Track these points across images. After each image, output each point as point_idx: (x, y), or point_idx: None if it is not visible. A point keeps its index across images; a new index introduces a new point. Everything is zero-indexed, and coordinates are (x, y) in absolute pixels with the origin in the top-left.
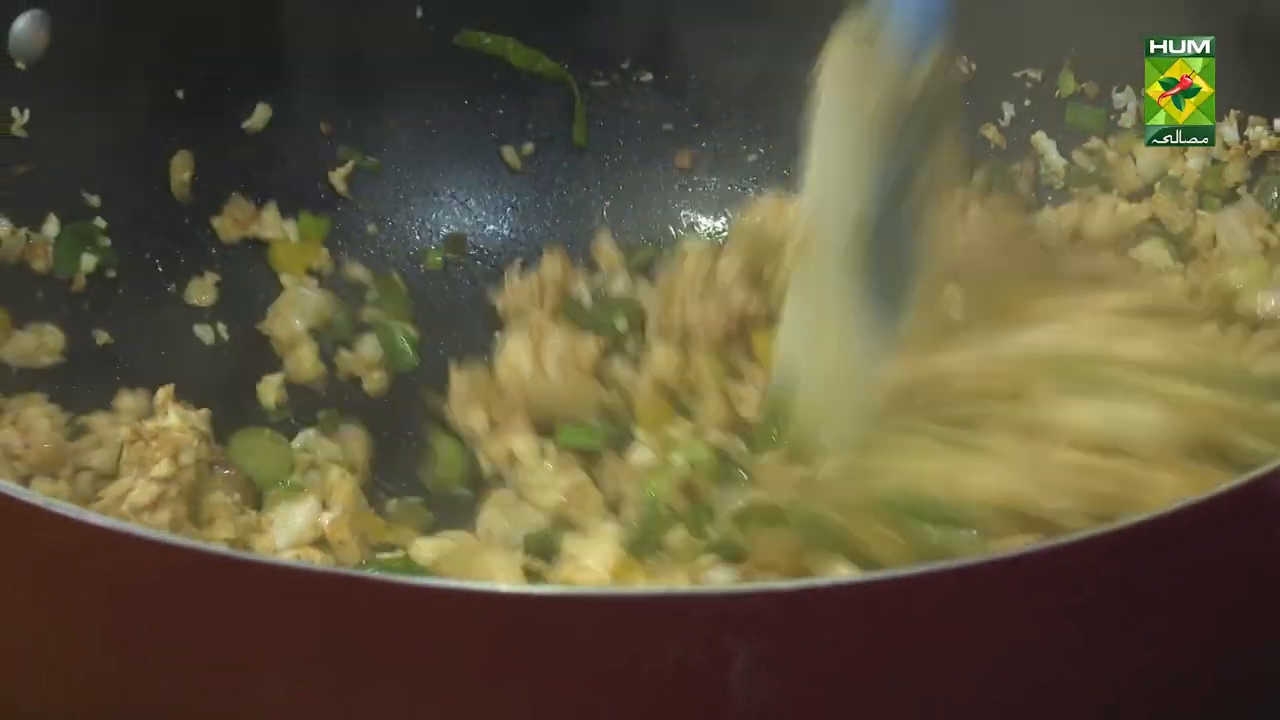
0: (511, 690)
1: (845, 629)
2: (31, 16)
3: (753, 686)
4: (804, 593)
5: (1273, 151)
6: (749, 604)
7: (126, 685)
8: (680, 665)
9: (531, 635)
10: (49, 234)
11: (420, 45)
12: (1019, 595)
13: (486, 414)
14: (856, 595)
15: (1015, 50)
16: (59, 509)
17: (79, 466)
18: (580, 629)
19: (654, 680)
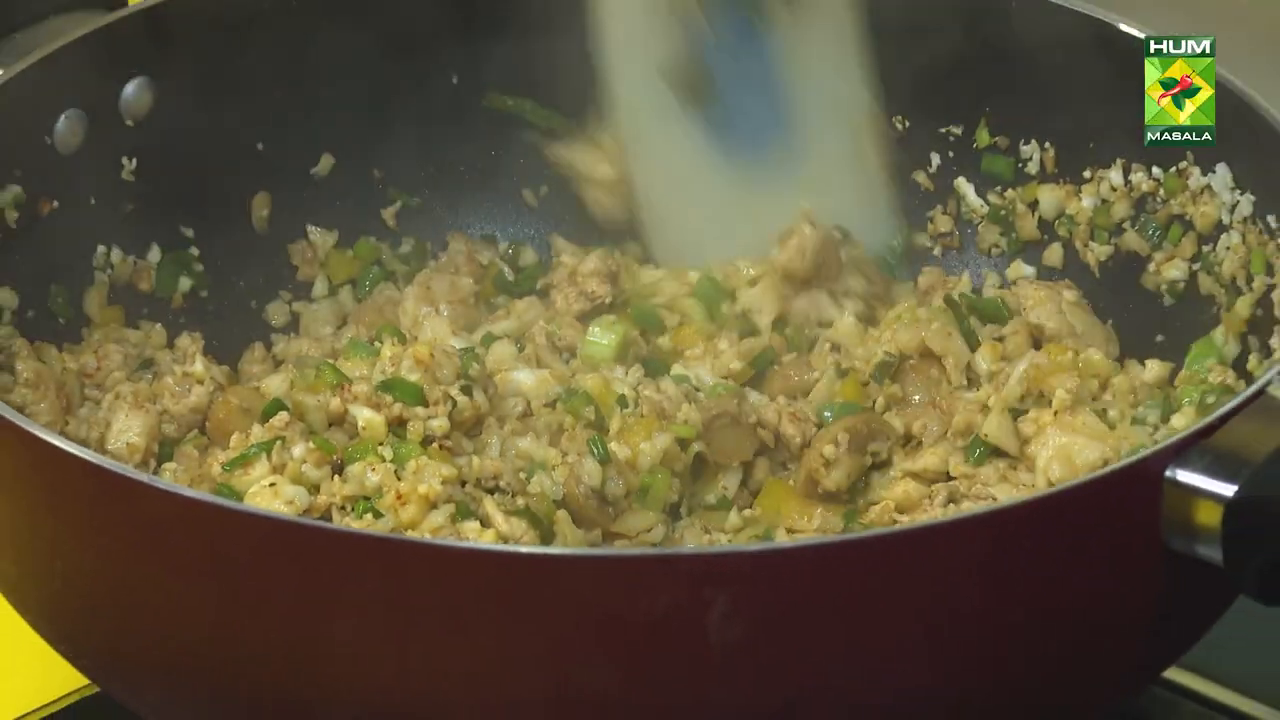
0: (532, 632)
1: (802, 582)
2: (138, 83)
3: (727, 627)
4: (770, 552)
5: (1150, 193)
6: (725, 562)
7: (225, 629)
8: (669, 610)
9: (549, 586)
10: (152, 260)
11: (455, 106)
12: (936, 557)
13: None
14: (812, 554)
15: (940, 110)
16: (166, 486)
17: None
18: (590, 581)
19: (649, 622)
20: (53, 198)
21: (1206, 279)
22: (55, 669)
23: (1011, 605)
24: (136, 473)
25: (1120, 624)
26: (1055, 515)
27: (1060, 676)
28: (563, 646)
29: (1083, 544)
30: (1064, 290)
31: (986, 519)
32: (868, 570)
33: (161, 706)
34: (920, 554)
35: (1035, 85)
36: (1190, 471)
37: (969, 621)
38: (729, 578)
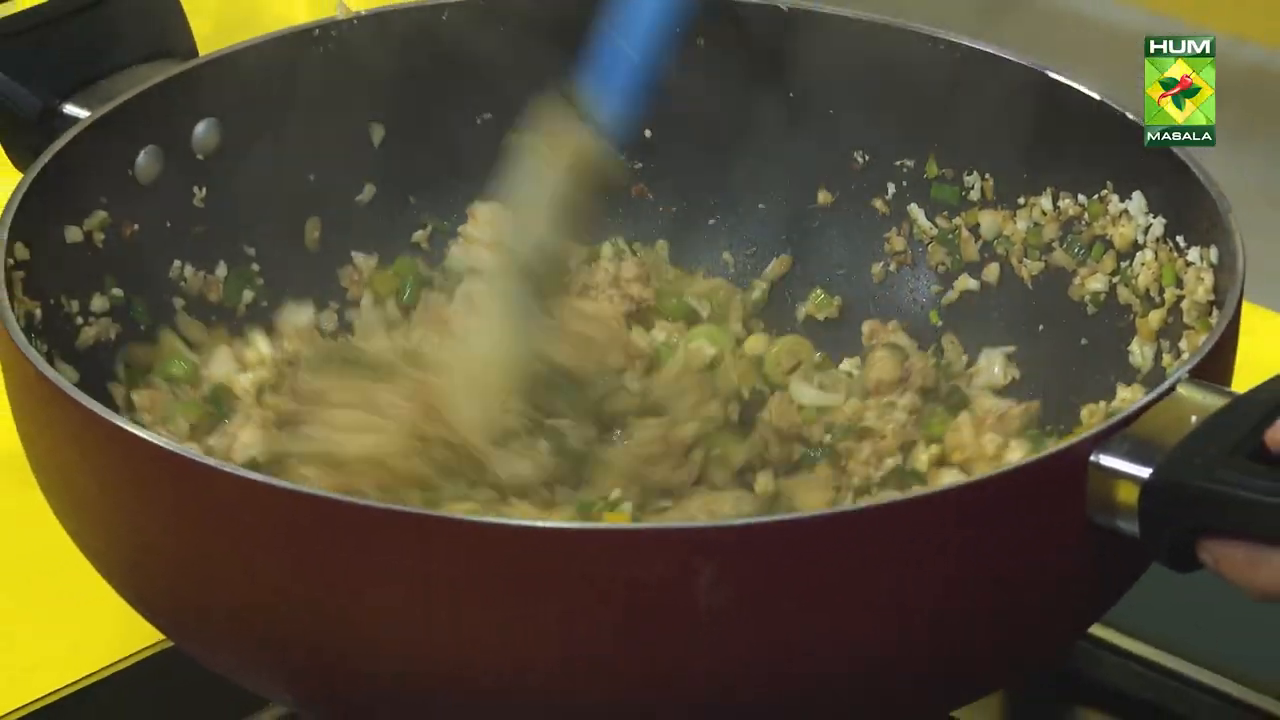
0: (543, 596)
1: (777, 552)
2: (208, 123)
3: (713, 593)
4: (752, 525)
5: (1076, 217)
6: (710, 534)
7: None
8: (662, 578)
9: (558, 555)
10: (220, 275)
11: (481, 142)
12: (895, 531)
13: None
14: (786, 528)
15: (895, 146)
16: (230, 469)
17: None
18: (589, 552)
19: (643, 588)
20: (134, 222)
21: (1124, 290)
22: (136, 626)
23: (961, 573)
24: (203, 456)
25: (1052, 589)
26: (998, 494)
27: (1003, 635)
28: (570, 608)
29: (1021, 519)
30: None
31: (939, 497)
32: (835, 543)
33: (226, 659)
34: (880, 528)
35: (977, 125)
36: (1111, 456)
37: (925, 587)
38: (715, 549)
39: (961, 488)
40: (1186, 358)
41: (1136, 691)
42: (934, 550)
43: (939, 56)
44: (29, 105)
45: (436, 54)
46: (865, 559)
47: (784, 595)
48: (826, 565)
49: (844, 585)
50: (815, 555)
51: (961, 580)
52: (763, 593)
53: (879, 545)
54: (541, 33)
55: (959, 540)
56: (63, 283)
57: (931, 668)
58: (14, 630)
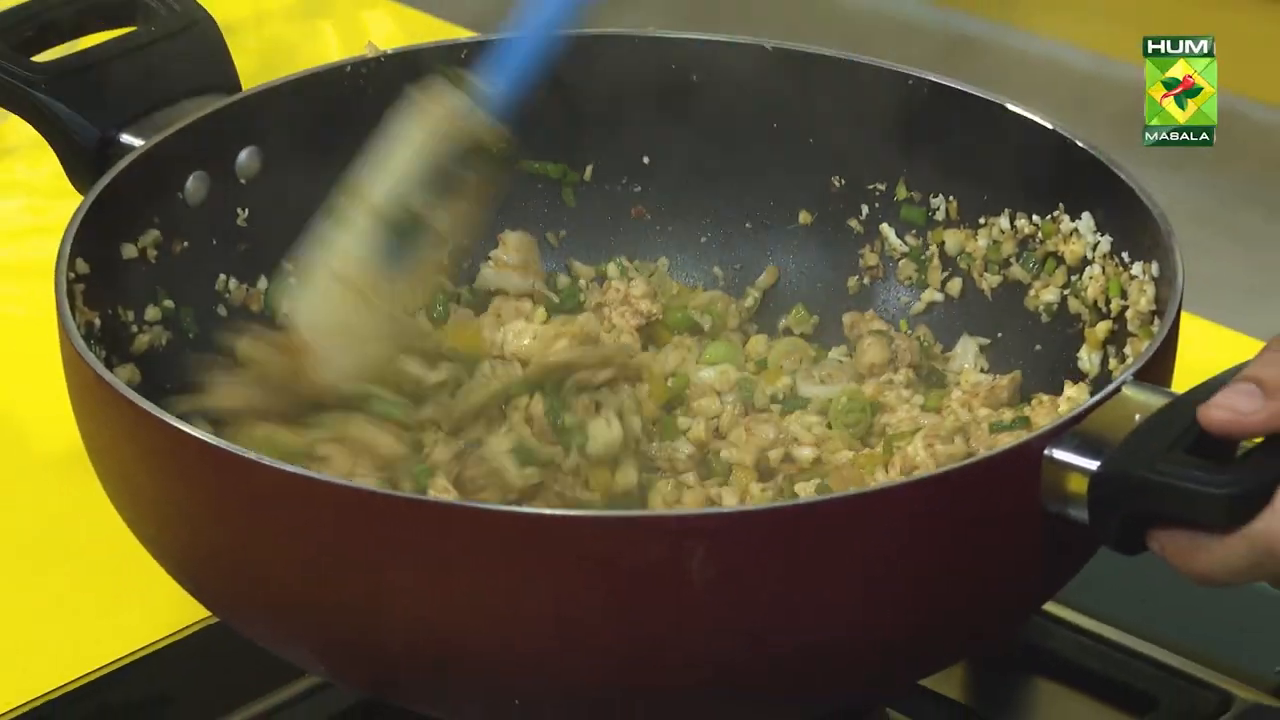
0: (550, 575)
1: (760, 536)
2: (250, 151)
3: (705, 569)
4: (736, 513)
5: (1031, 235)
6: (701, 520)
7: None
8: (659, 558)
9: (565, 539)
10: (261, 288)
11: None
12: (865, 518)
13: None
14: (767, 515)
15: (868, 171)
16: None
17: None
18: (598, 535)
19: (642, 568)
20: (183, 239)
21: (1074, 301)
22: (186, 604)
23: (926, 555)
24: (244, 451)
25: (1010, 570)
26: (961, 485)
27: (965, 612)
28: (573, 586)
29: (982, 507)
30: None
31: (905, 488)
32: (812, 528)
33: (265, 633)
34: (853, 516)
35: (942, 153)
36: (1064, 451)
37: (892, 568)
38: (705, 533)
39: (926, 480)
40: (1131, 362)
41: (1083, 661)
42: (901, 535)
43: (908, 91)
44: (88, 135)
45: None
46: (838, 544)
47: (765, 576)
48: (803, 549)
49: (819, 567)
50: (793, 540)
51: (926, 562)
52: (745, 573)
53: (851, 531)
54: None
55: (924, 526)
56: (119, 295)
57: (899, 641)
58: (79, 607)
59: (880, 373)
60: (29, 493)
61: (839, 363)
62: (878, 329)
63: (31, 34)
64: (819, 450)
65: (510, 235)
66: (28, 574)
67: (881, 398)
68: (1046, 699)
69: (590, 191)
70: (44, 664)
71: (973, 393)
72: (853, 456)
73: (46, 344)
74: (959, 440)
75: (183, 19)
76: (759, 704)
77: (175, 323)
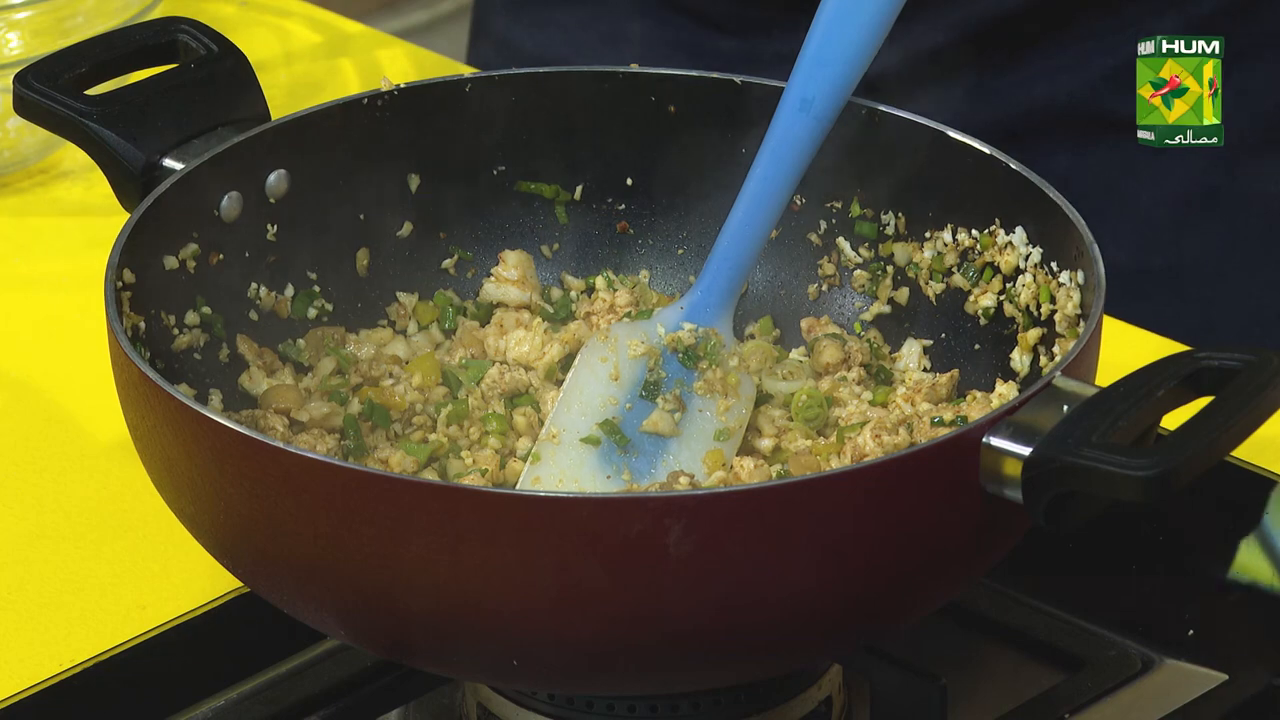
0: (544, 549)
1: (728, 514)
2: (278, 174)
3: (681, 544)
4: (710, 494)
5: (970, 247)
6: (678, 500)
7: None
8: (639, 534)
9: (558, 517)
10: (288, 295)
11: (495, 189)
12: (821, 498)
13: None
14: (735, 496)
15: (826, 190)
16: (293, 449)
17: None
18: (587, 513)
19: (623, 543)
20: (219, 252)
21: (1009, 306)
22: (220, 575)
23: (876, 531)
24: (271, 438)
25: (952, 545)
26: (907, 468)
27: (912, 583)
28: (566, 558)
29: (926, 489)
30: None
31: (858, 472)
32: (774, 508)
33: (291, 601)
34: (810, 497)
35: (891, 175)
36: (1000, 438)
37: (846, 543)
38: (681, 512)
39: (876, 464)
40: (1060, 359)
41: (1019, 624)
42: (853, 514)
43: (861, 120)
44: (135, 159)
45: (460, 118)
46: (798, 521)
47: (734, 548)
48: (768, 525)
49: (782, 542)
50: (758, 517)
51: (877, 538)
52: (717, 546)
53: (809, 510)
54: (541, 100)
55: (875, 506)
56: (161, 301)
57: (852, 610)
58: (125, 577)
59: (835, 371)
60: (82, 476)
61: (799, 362)
62: (832, 333)
63: (85, 70)
64: (777, 440)
65: (510, 254)
66: (80, 547)
67: (836, 394)
68: (985, 658)
69: (580, 209)
70: (94, 628)
71: (916, 389)
72: (810, 445)
73: (98, 345)
74: (903, 432)
75: (218, 57)
76: (728, 660)
77: (211, 326)
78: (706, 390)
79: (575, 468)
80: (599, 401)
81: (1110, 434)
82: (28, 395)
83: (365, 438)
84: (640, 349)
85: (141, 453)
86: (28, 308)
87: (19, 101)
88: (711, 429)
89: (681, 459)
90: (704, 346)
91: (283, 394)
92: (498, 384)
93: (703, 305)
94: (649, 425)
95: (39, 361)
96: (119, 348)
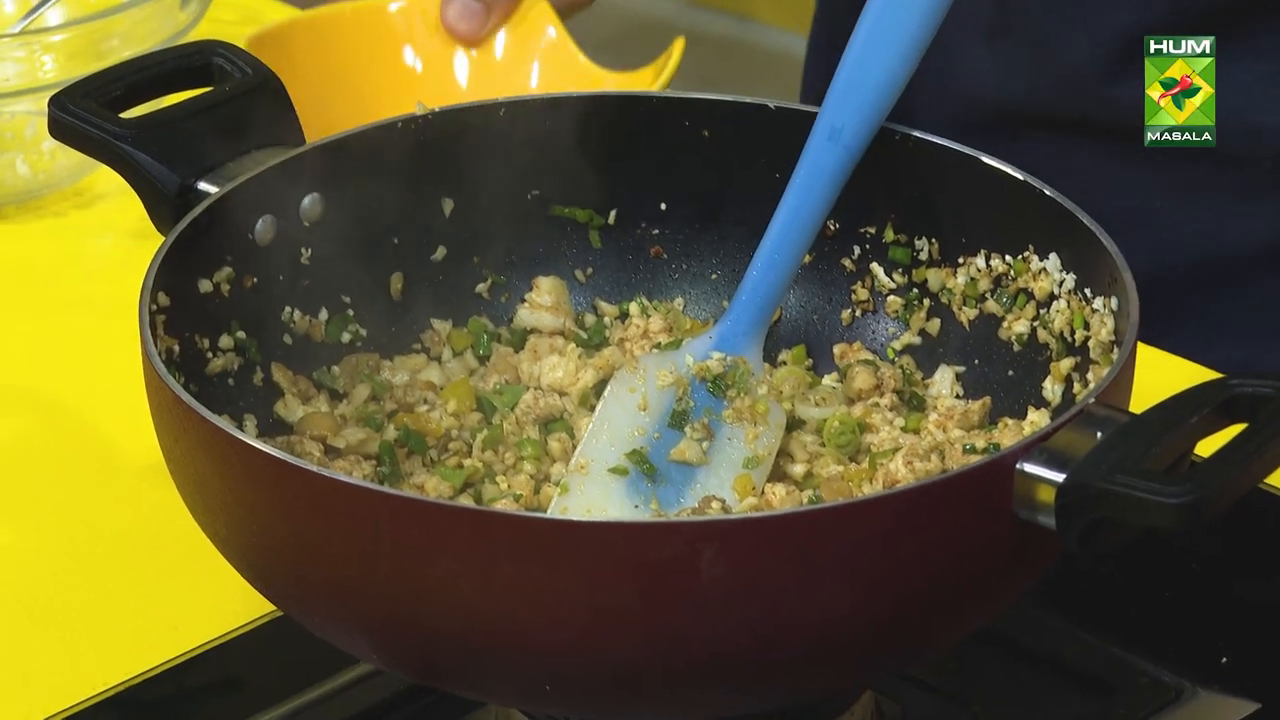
0: (580, 572)
1: (761, 539)
2: (313, 197)
3: (713, 568)
4: (743, 519)
5: (1004, 273)
6: (711, 525)
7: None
8: (671, 558)
9: (594, 542)
10: (322, 319)
11: (530, 213)
12: (855, 524)
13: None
14: (768, 522)
15: (860, 217)
16: (327, 473)
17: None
18: (622, 538)
19: (655, 567)
20: (253, 276)
21: (1043, 332)
22: (253, 599)
23: (911, 557)
24: (303, 462)
25: (985, 572)
26: (942, 494)
27: (944, 609)
28: (598, 583)
29: (960, 514)
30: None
31: (892, 498)
32: (806, 533)
33: (323, 625)
34: (842, 522)
35: (925, 199)
36: (1034, 464)
37: (879, 569)
38: (714, 537)
39: (908, 490)
40: (1093, 386)
41: (1051, 650)
42: (885, 540)
43: (895, 146)
44: (170, 182)
45: (494, 142)
46: (830, 547)
47: (766, 573)
48: (800, 550)
49: (815, 567)
50: (791, 542)
51: (909, 563)
52: (749, 570)
53: (842, 535)
54: (574, 124)
55: (908, 531)
56: (196, 324)
57: (884, 635)
58: (157, 600)
59: (867, 397)
60: (116, 497)
61: (831, 388)
62: (865, 359)
63: (120, 93)
64: (809, 466)
65: (543, 280)
66: (113, 569)
67: (868, 420)
68: (1017, 684)
69: (614, 234)
70: (127, 651)
71: (948, 415)
72: (842, 471)
73: (132, 367)
74: (935, 458)
75: (253, 80)
76: (760, 684)
77: (245, 349)
78: (735, 418)
79: (603, 498)
80: (627, 432)
81: (1144, 461)
82: (61, 417)
83: (401, 463)
84: (668, 379)
85: (175, 475)
86: (62, 330)
87: (54, 124)
88: (740, 457)
89: (710, 487)
90: (732, 375)
91: (318, 421)
92: (532, 409)
93: (732, 334)
94: (677, 454)
95: (73, 383)
96: (153, 371)
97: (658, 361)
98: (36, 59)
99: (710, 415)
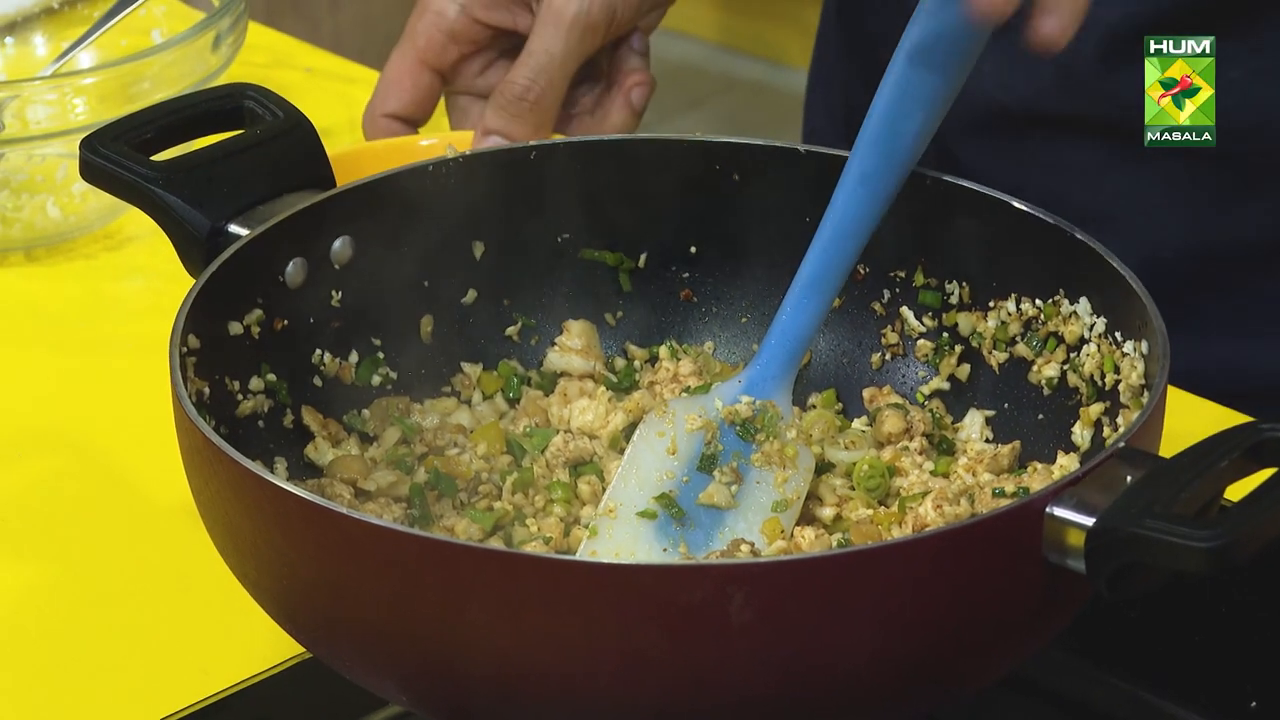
0: (609, 616)
1: (789, 582)
2: (343, 240)
3: (742, 612)
4: (772, 562)
5: (1034, 316)
6: (740, 568)
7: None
8: (700, 601)
9: (623, 584)
10: (352, 361)
11: (559, 256)
12: (883, 567)
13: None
14: (796, 565)
15: (890, 260)
16: (358, 516)
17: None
18: (640, 583)
19: (685, 610)
20: (284, 318)
21: (1073, 376)
22: (282, 640)
23: (938, 603)
24: (333, 504)
25: (1014, 615)
26: (971, 537)
27: (973, 653)
28: (629, 626)
29: (989, 558)
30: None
31: (919, 541)
32: (835, 576)
33: (353, 667)
34: (872, 566)
35: (956, 243)
36: (1063, 508)
37: (909, 611)
38: (743, 580)
39: (938, 533)
40: (1123, 430)
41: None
42: (915, 583)
43: (925, 190)
44: (200, 225)
45: (524, 186)
46: (859, 590)
47: (795, 616)
48: (829, 594)
49: (844, 610)
50: (820, 586)
51: (938, 607)
52: (778, 613)
53: (871, 579)
54: (604, 167)
55: (937, 575)
56: (226, 367)
57: (913, 679)
58: (186, 641)
59: (897, 441)
60: (146, 540)
61: (861, 432)
62: (895, 402)
63: (151, 136)
64: (839, 509)
65: (573, 324)
66: (142, 610)
67: (898, 463)
68: None
69: (644, 277)
70: (157, 692)
71: (977, 460)
72: (871, 514)
73: (162, 409)
74: (964, 502)
75: (284, 124)
76: None
77: (275, 392)
78: (764, 462)
79: (631, 541)
80: (656, 475)
81: (1173, 505)
82: (91, 459)
83: (431, 506)
84: (697, 422)
85: (204, 517)
86: (92, 372)
87: (85, 166)
88: (769, 500)
89: (738, 531)
90: (761, 419)
91: (348, 464)
92: (562, 452)
93: (761, 379)
94: (705, 498)
95: (103, 425)
96: (183, 413)
97: (687, 405)
98: (68, 101)
99: (739, 459)
